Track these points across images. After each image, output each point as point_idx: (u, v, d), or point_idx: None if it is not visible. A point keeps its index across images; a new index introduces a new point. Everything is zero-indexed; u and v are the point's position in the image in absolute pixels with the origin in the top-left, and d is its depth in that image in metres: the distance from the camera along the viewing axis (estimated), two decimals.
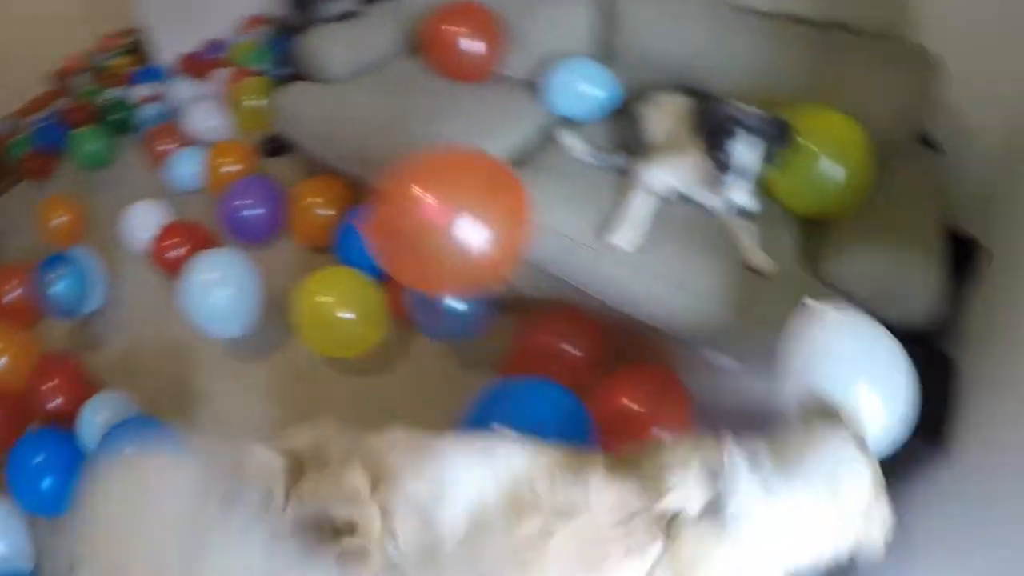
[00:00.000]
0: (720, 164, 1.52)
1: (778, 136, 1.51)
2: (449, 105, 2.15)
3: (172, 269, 2.27)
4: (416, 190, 1.39)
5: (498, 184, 1.50)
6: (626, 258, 1.61)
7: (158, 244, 2.43)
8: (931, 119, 1.90)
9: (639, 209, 1.63)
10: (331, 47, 2.41)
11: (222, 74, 3.30)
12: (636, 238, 1.60)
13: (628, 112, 1.94)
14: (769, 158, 1.52)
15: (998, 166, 1.85)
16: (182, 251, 2.34)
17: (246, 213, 2.43)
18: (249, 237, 2.45)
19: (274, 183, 2.51)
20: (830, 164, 1.58)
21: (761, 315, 1.48)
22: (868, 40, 1.87)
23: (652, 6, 2.06)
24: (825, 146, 1.59)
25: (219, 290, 1.94)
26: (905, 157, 1.81)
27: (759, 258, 1.54)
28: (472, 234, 1.37)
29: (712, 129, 1.53)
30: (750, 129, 1.48)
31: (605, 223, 1.65)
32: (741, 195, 1.51)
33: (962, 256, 1.68)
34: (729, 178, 1.51)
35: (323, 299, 1.85)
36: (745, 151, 1.48)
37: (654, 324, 1.65)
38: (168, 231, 2.45)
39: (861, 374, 1.09)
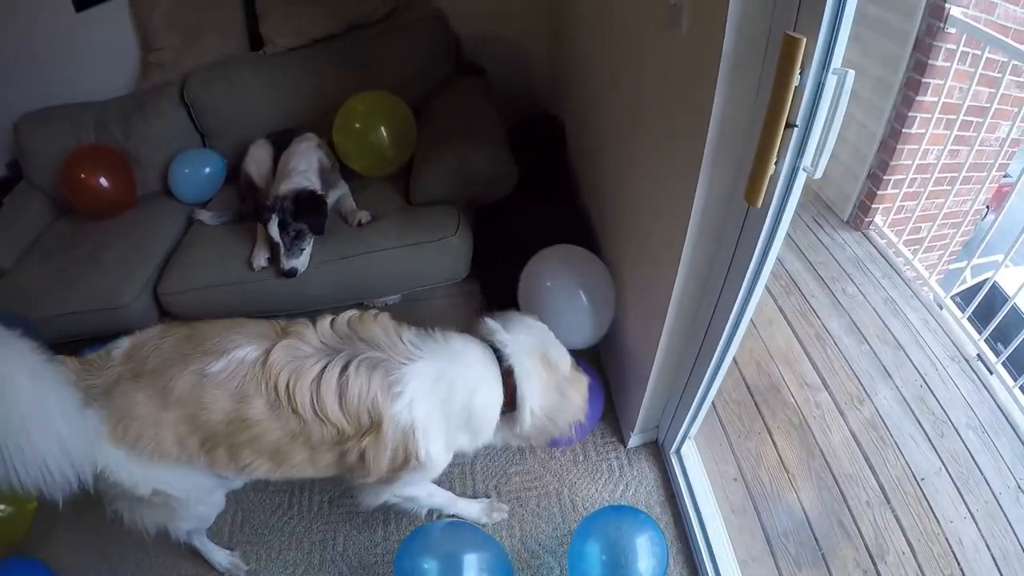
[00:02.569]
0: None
1: (297, 209, 1.94)
2: (111, 239, 2.35)
3: None
4: None
5: None
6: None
7: None
8: (471, 53, 2.60)
9: (263, 235, 2.05)
10: None
11: None
12: (266, 254, 2.04)
13: (239, 171, 2.36)
14: (313, 227, 1.98)
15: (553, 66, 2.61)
16: None
17: None
18: None
19: None
20: (374, 135, 2.13)
21: (382, 246, 1.99)
22: (381, 26, 2.47)
23: (216, 84, 2.47)
24: (365, 124, 2.13)
25: None
26: (453, 87, 2.44)
27: (359, 216, 2.07)
28: None
29: (261, 219, 2.01)
30: (278, 211, 1.94)
31: (250, 257, 2.05)
32: (288, 261, 1.96)
33: (556, 127, 2.44)
34: (280, 249, 1.98)
35: None
36: (274, 230, 1.94)
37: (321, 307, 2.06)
38: None
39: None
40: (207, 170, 2.45)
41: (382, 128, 2.11)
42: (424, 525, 1.55)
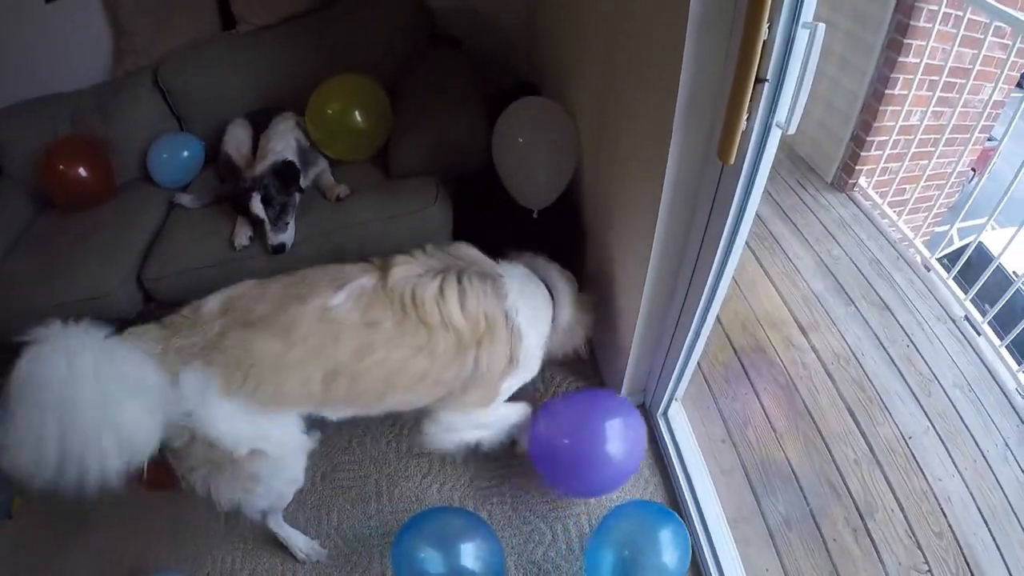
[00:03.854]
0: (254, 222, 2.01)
1: (279, 182, 1.96)
2: (93, 229, 2.31)
3: None
4: None
5: None
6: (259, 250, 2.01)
7: None
8: (445, 24, 2.56)
9: (246, 215, 2.04)
10: None
11: None
12: (248, 233, 2.03)
13: (218, 152, 2.34)
14: (292, 193, 1.99)
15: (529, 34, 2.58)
16: None
17: None
18: None
19: None
20: (348, 119, 2.10)
21: (363, 218, 1.99)
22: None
23: (190, 67, 2.43)
24: (339, 107, 2.10)
25: None
26: (429, 59, 2.42)
27: (338, 191, 2.07)
28: None
29: (237, 207, 2.03)
30: (259, 188, 1.94)
31: (231, 236, 2.04)
32: (275, 236, 1.97)
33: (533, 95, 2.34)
34: (265, 226, 1.98)
35: None
36: (257, 207, 1.95)
37: None
38: None
39: None
40: (185, 154, 2.43)
41: (356, 114, 2.09)
42: (420, 513, 1.54)
